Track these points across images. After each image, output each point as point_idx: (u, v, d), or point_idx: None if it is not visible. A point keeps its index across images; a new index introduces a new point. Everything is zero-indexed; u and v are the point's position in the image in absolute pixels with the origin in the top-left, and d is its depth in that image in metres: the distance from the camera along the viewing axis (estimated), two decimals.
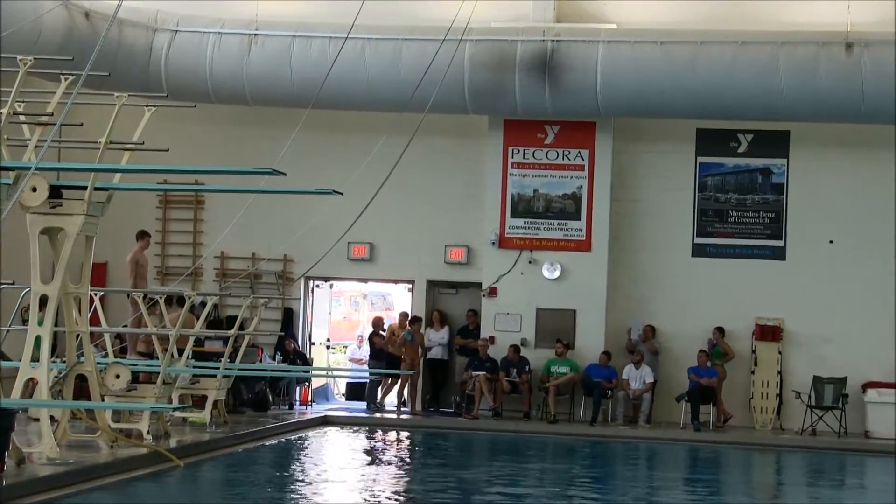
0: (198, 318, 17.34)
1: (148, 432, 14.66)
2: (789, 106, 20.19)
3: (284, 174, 11.68)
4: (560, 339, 21.71)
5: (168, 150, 13.78)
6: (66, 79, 13.36)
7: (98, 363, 14.18)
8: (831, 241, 22.05)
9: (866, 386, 21.29)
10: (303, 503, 12.64)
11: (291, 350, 22.12)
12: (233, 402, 19.90)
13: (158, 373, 15.53)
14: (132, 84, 18.87)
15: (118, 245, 21.26)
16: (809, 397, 21.05)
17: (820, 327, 21.83)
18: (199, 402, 17.79)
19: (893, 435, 20.32)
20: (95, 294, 16.55)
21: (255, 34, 20.91)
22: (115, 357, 16.34)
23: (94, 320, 16.05)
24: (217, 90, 21.17)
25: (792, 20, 20.71)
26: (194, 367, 17.60)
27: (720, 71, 20.08)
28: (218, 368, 17.71)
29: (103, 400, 14.10)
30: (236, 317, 18.75)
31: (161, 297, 17.73)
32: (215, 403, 17.64)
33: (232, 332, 18.05)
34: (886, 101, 19.72)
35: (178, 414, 17.15)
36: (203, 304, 18.21)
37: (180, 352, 16.89)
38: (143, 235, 18.73)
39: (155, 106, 14.50)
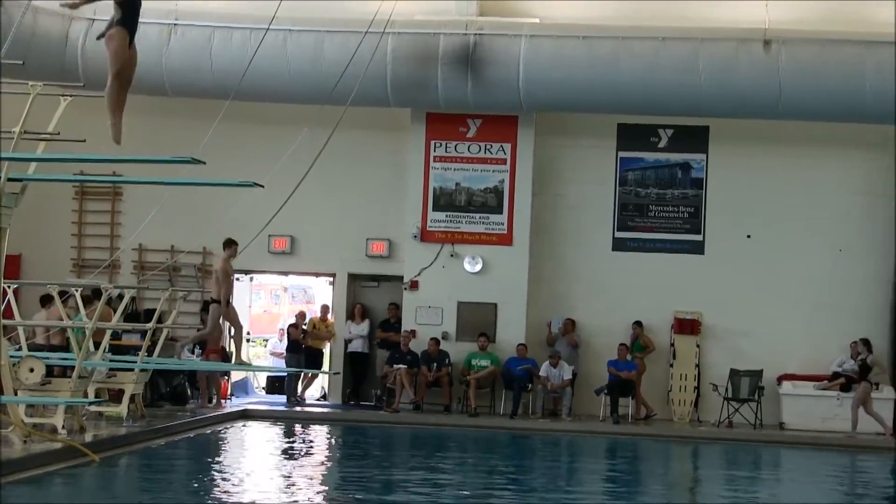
0: (115, 312, 17.11)
1: (63, 427, 14.45)
2: (709, 102, 20.43)
3: (204, 163, 11.56)
4: (484, 333, 21.77)
5: (85, 140, 13.58)
6: None
7: (11, 357, 13.93)
8: (749, 236, 22.36)
9: (781, 378, 21.65)
10: (219, 497, 12.51)
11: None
12: (150, 396, 19.69)
13: (74, 366, 15.29)
14: (48, 73, 18.53)
15: (33, 237, 20.96)
16: (726, 390, 21.33)
17: (737, 321, 22.14)
18: (116, 395, 17.58)
19: (823, 427, 20.85)
20: (9, 287, 16.24)
21: (175, 24, 20.66)
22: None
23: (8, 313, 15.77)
24: (136, 80, 20.77)
25: (712, 18, 20.94)
26: (111, 360, 17.37)
27: (642, 67, 20.24)
28: (135, 362, 17.51)
29: (16, 394, 13.86)
30: (154, 310, 18.55)
31: (77, 291, 17.44)
32: (132, 397, 17.44)
33: (150, 325, 17.85)
34: (803, 97, 20.08)
35: (94, 408, 16.92)
36: (120, 296, 17.99)
37: (97, 345, 16.66)
38: (230, 244, 18.09)
39: (71, 95, 14.28)
